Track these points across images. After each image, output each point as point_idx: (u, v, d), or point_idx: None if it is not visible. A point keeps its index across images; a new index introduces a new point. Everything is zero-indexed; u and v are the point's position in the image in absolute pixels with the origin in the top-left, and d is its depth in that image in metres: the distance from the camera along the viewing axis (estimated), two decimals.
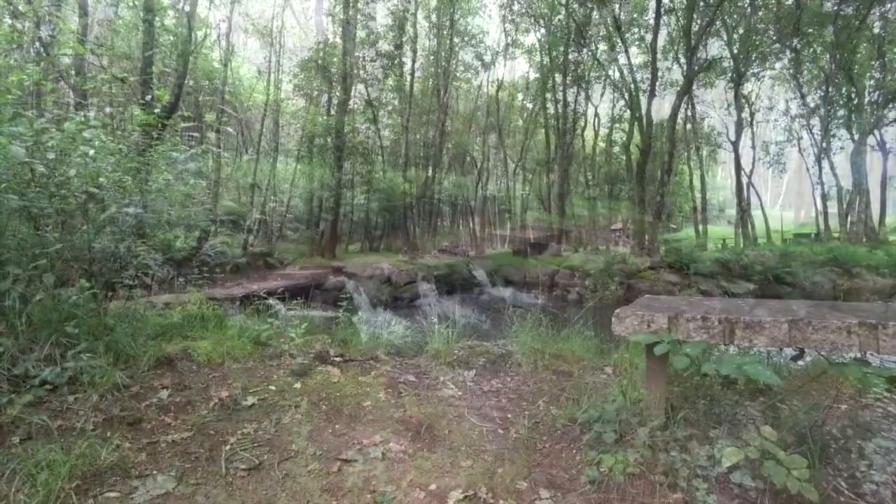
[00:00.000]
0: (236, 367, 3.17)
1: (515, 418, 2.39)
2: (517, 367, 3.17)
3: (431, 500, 1.69)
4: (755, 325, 1.58)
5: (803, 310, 1.79)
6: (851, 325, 1.50)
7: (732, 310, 1.79)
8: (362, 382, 2.93)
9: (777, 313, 1.67)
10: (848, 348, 1.53)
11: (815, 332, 1.54)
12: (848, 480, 1.60)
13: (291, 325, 4.25)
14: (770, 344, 1.58)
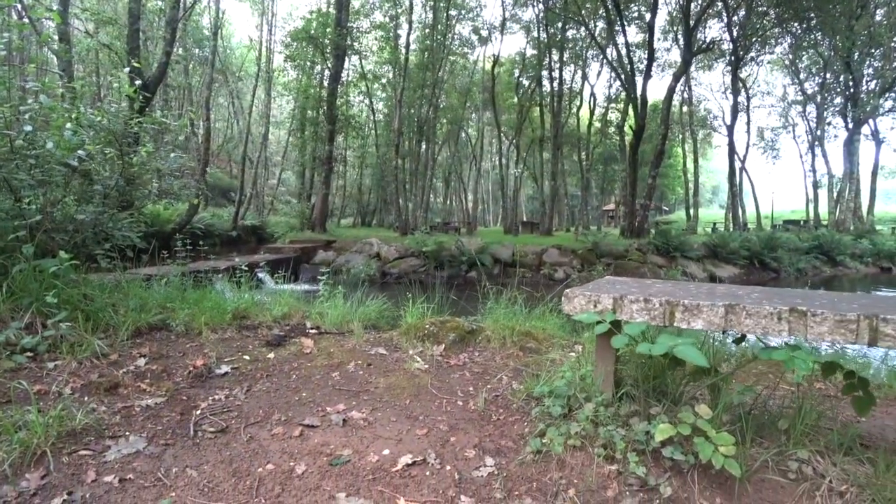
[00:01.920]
0: (214, 338, 3.27)
1: (476, 391, 2.51)
2: (486, 343, 3.29)
3: (383, 463, 1.81)
4: (693, 308, 1.66)
5: (752, 294, 1.88)
6: (782, 312, 1.58)
7: (678, 293, 1.89)
8: (334, 354, 3.04)
9: (717, 297, 1.77)
10: (779, 333, 1.61)
11: (748, 316, 1.62)
12: (774, 458, 1.71)
13: (272, 298, 4.35)
14: (707, 327, 1.67)
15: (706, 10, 20.75)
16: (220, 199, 27.93)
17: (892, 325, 1.47)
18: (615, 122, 27.96)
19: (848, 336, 1.53)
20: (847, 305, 1.65)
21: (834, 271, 17.53)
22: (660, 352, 1.57)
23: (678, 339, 1.59)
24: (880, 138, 28.46)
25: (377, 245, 12.69)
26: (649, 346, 1.61)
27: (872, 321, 1.50)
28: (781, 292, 2.00)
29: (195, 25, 27.35)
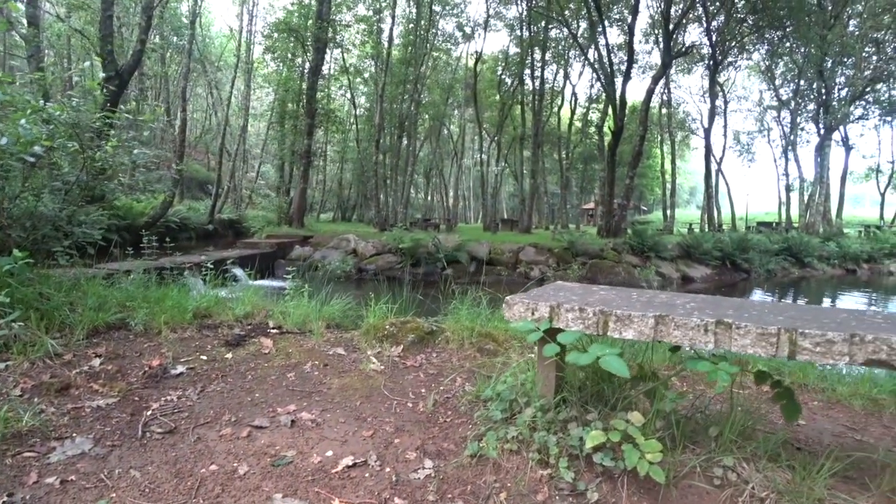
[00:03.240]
0: (172, 337, 3.27)
1: (427, 393, 2.57)
2: (445, 344, 3.36)
3: (324, 465, 1.86)
4: (625, 318, 1.72)
5: (687, 305, 1.95)
6: (709, 324, 1.63)
7: (615, 302, 1.95)
8: (292, 354, 3.07)
9: (652, 308, 1.85)
10: (705, 345, 1.66)
11: (676, 328, 1.68)
12: (703, 464, 1.77)
13: (237, 297, 4.35)
14: (638, 337, 1.73)
15: (686, 14, 21.09)
16: (197, 191, 27.45)
17: (810, 340, 1.54)
18: (595, 122, 28.25)
19: (769, 349, 1.59)
20: (773, 318, 1.72)
21: (802, 273, 18.01)
22: (586, 362, 1.63)
23: (607, 348, 1.66)
24: (850, 145, 29.40)
25: (354, 241, 12.66)
26: (578, 355, 1.68)
27: (792, 335, 1.56)
28: (719, 302, 2.06)
29: (173, 13, 26.75)
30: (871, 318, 1.80)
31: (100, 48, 11.77)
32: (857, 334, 1.51)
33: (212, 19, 37.20)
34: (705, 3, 22.13)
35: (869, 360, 1.51)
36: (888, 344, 1.47)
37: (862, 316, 1.84)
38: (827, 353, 1.53)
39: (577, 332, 1.81)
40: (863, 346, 1.50)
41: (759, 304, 2.06)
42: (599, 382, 2.08)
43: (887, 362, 1.49)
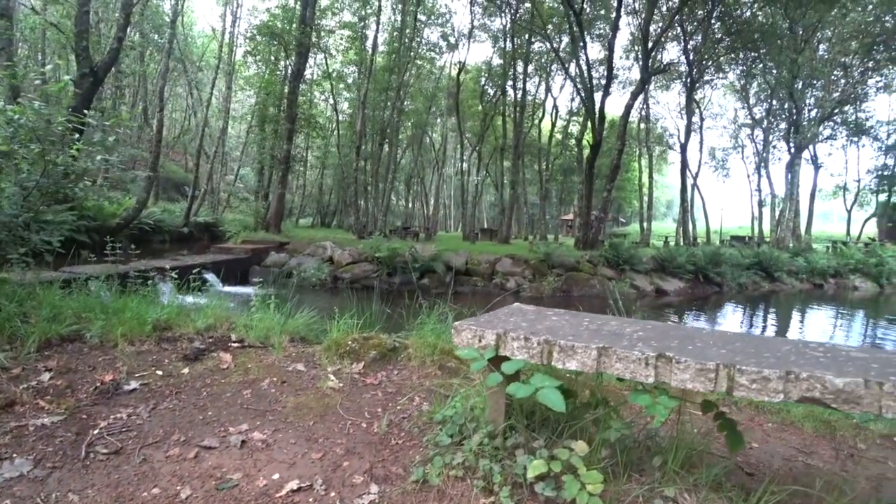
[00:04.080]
0: (129, 351, 3.21)
1: (384, 413, 2.57)
2: (407, 361, 3.36)
3: (269, 489, 1.85)
4: (569, 349, 1.74)
5: (635, 335, 1.95)
6: (650, 358, 1.65)
7: (562, 331, 1.96)
8: (251, 370, 3.04)
9: (600, 337, 1.86)
10: (646, 378, 1.67)
11: (618, 360, 1.70)
12: (646, 494, 1.76)
13: (200, 307, 4.28)
14: (581, 368, 1.74)
15: (664, 32, 21.64)
16: (174, 193, 26.95)
17: (746, 377, 1.56)
18: (575, 134, 28.70)
19: (707, 384, 1.60)
20: (716, 351, 1.74)
21: (772, 287, 18.47)
22: (525, 395, 1.65)
23: (548, 380, 1.68)
24: (819, 163, 30.46)
25: (331, 248, 12.57)
26: (518, 387, 1.69)
27: (730, 370, 1.58)
28: (667, 332, 2.08)
29: (155, 10, 26.39)
30: (811, 351, 1.83)
31: (75, 44, 11.53)
32: (793, 372, 1.53)
33: (194, 19, 36.78)
34: (683, 23, 22.77)
35: (803, 397, 1.53)
36: (821, 382, 1.50)
37: (804, 348, 1.88)
38: (763, 390, 1.55)
39: (522, 362, 1.83)
40: (797, 383, 1.52)
41: (707, 334, 2.09)
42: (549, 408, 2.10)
43: (820, 400, 1.52)
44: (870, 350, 1.94)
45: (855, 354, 1.79)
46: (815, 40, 24.85)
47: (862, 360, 1.70)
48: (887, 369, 1.58)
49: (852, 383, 1.45)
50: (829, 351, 1.84)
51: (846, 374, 1.51)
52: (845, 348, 1.91)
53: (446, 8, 27.76)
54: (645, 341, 1.84)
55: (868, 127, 30.58)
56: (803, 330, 11.59)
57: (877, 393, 1.45)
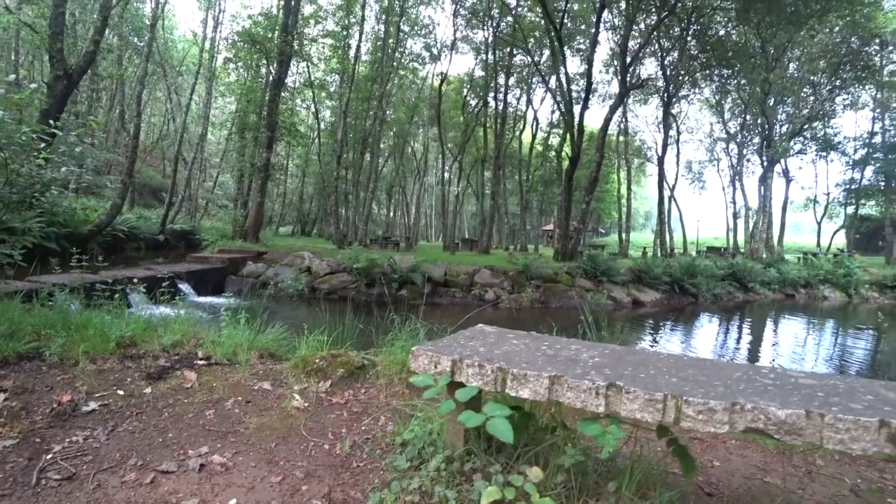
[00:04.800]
0: (90, 369, 3.15)
1: (348, 434, 2.57)
2: (375, 380, 3.36)
3: None
4: (521, 377, 1.75)
5: (591, 361, 1.96)
6: (600, 388, 1.66)
7: (522, 356, 1.97)
8: (215, 389, 3.01)
9: (556, 364, 1.87)
10: (596, 407, 1.68)
11: (569, 390, 1.71)
12: None
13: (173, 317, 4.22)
14: (534, 396, 1.75)
15: (642, 48, 22.15)
16: (150, 199, 26.48)
17: (693, 408, 1.57)
18: (555, 146, 29.11)
19: (655, 415, 1.62)
20: (667, 380, 1.77)
21: (746, 297, 18.87)
22: (474, 424, 1.66)
23: (499, 409, 1.70)
24: (790, 177, 31.42)
25: (309, 259, 12.47)
26: (469, 415, 1.71)
27: (678, 401, 1.59)
28: (622, 357, 2.08)
29: (135, 13, 26.04)
30: (761, 378, 1.85)
31: (49, 45, 11.30)
32: (738, 402, 1.54)
33: (175, 22, 36.38)
34: (660, 40, 23.36)
35: (748, 428, 1.53)
36: (765, 414, 1.51)
37: (754, 375, 1.89)
38: (709, 421, 1.56)
39: (476, 389, 1.85)
40: (743, 414, 1.54)
41: (662, 359, 2.11)
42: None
43: (764, 431, 1.52)
44: (818, 376, 1.96)
45: (803, 381, 1.83)
46: (785, 59, 25.73)
47: (809, 388, 1.74)
48: (831, 398, 1.62)
49: (794, 415, 1.48)
50: (778, 377, 1.87)
51: (790, 405, 1.54)
52: (795, 374, 1.95)
53: (430, 19, 28.09)
54: (599, 368, 1.86)
55: (836, 142, 31.68)
56: (777, 340, 11.87)
57: (818, 424, 1.48)
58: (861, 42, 23.88)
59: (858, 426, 1.44)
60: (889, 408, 1.54)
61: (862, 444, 1.44)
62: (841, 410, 1.50)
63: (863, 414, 1.47)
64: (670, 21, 21.53)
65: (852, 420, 1.45)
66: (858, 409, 1.53)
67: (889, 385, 1.84)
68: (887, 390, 1.75)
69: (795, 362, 8.89)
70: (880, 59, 26.10)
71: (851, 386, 1.80)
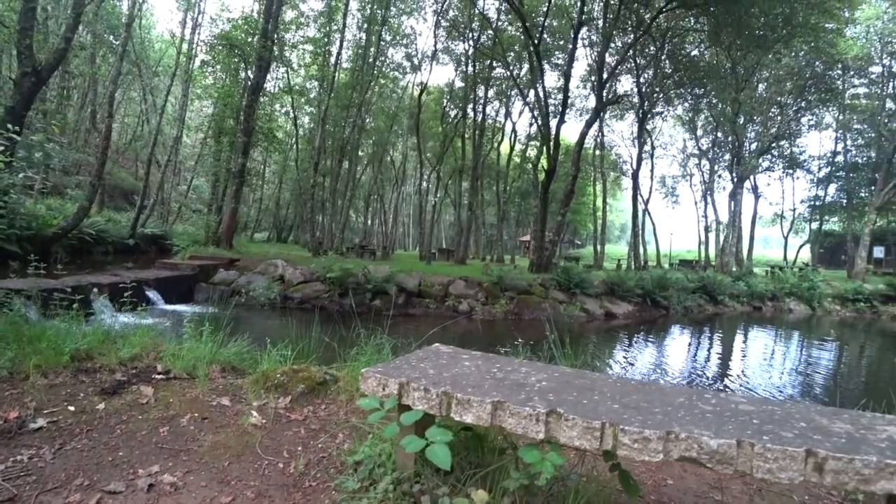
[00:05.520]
0: (41, 384, 3.07)
1: (304, 452, 2.56)
2: (336, 396, 3.36)
3: None
4: (465, 402, 1.78)
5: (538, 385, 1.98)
6: (540, 414, 1.68)
7: (470, 379, 1.98)
8: (172, 405, 2.97)
9: (502, 388, 1.89)
10: (536, 434, 1.69)
11: (511, 416, 1.72)
12: None
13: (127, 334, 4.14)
14: (477, 422, 1.77)
15: (618, 66, 22.71)
16: (121, 201, 25.84)
17: (629, 436, 1.60)
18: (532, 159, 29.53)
19: (594, 442, 1.64)
20: (609, 406, 1.79)
21: (715, 310, 19.30)
22: (414, 449, 1.68)
23: (440, 434, 1.71)
24: (759, 192, 32.55)
25: (282, 267, 12.34)
26: (410, 440, 1.73)
27: (615, 429, 1.62)
28: (570, 382, 2.09)
29: (111, 10, 25.54)
30: (703, 405, 1.87)
31: (17, 41, 11.01)
32: (673, 432, 1.56)
33: (153, 21, 35.78)
34: (636, 58, 23.98)
35: (682, 457, 1.55)
36: (698, 443, 1.53)
37: (697, 400, 1.92)
38: (644, 449, 1.57)
39: (421, 412, 1.87)
40: (677, 443, 1.55)
41: (610, 384, 2.13)
42: (460, 453, 2.14)
43: (697, 460, 1.54)
44: (758, 402, 1.99)
45: (743, 407, 1.86)
46: (754, 80, 26.68)
47: (746, 415, 1.76)
48: (766, 426, 1.65)
49: (725, 444, 1.51)
50: (720, 403, 1.90)
51: (723, 434, 1.56)
52: (736, 399, 1.98)
53: (411, 29, 28.28)
54: (544, 393, 1.89)
55: (801, 161, 33.02)
56: (746, 351, 12.21)
57: (748, 454, 1.50)
58: (825, 66, 24.97)
59: (786, 456, 1.47)
60: (819, 436, 1.58)
61: (789, 473, 1.46)
62: (771, 440, 1.53)
63: (791, 443, 1.51)
64: (645, 40, 22.15)
65: (780, 450, 1.48)
66: (789, 437, 1.56)
67: (824, 411, 1.89)
68: (821, 416, 1.80)
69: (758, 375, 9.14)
70: (842, 82, 27.32)
71: (788, 412, 1.84)
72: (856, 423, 1.73)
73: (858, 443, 1.54)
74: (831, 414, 1.84)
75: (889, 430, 1.67)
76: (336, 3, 23.28)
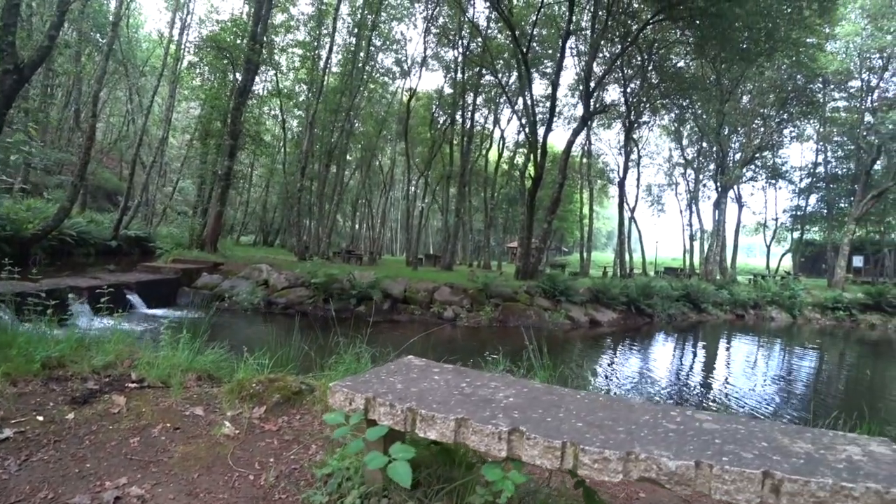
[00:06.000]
0: (10, 393, 3.02)
1: (276, 463, 2.55)
2: (312, 405, 3.35)
3: None
4: (429, 419, 1.79)
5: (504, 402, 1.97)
6: (503, 433, 1.68)
7: (437, 394, 1.98)
8: (144, 414, 2.94)
9: (466, 405, 1.89)
10: (499, 452, 1.72)
11: (474, 433, 1.73)
12: None
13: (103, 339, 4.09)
14: (441, 438, 1.78)
15: (605, 76, 22.99)
16: (105, 202, 25.50)
17: (589, 456, 1.59)
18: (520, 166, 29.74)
19: (555, 462, 1.64)
20: (572, 424, 1.79)
21: (699, 317, 19.53)
22: (375, 466, 1.69)
23: (403, 451, 1.72)
24: (742, 202, 33.08)
25: (267, 272, 12.25)
26: (373, 457, 1.74)
27: (575, 449, 1.62)
28: (538, 398, 2.09)
29: (98, 8, 25.25)
30: (667, 423, 1.86)
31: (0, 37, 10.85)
32: (633, 452, 1.56)
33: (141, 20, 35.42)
34: (623, 68, 24.30)
35: (642, 477, 1.54)
36: (657, 464, 1.52)
37: (662, 419, 1.91)
38: (604, 470, 1.57)
39: (386, 428, 1.87)
40: (637, 463, 1.55)
41: (577, 401, 2.12)
42: (431, 466, 2.16)
43: (657, 481, 1.52)
44: (723, 419, 1.98)
45: (707, 426, 1.85)
46: (738, 92, 27.19)
47: (709, 434, 1.76)
48: (727, 445, 1.65)
49: (684, 466, 1.50)
50: (684, 421, 1.89)
51: (683, 455, 1.55)
52: (701, 417, 1.96)
53: (401, 35, 28.39)
54: (509, 410, 1.89)
55: (784, 171, 33.67)
56: (728, 360, 12.36)
57: (706, 475, 1.49)
58: (806, 80, 25.52)
59: (743, 478, 1.46)
60: (778, 457, 1.57)
61: (746, 495, 1.45)
62: (730, 461, 1.52)
63: (750, 464, 1.49)
64: (632, 51, 22.46)
65: (738, 472, 1.46)
66: (748, 458, 1.55)
67: (787, 429, 1.88)
68: (783, 435, 1.79)
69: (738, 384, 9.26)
70: (823, 96, 27.95)
71: (751, 431, 1.82)
72: (817, 443, 1.72)
73: (817, 464, 1.53)
74: (794, 433, 1.84)
75: (849, 449, 1.67)
76: (326, 7, 23.31)
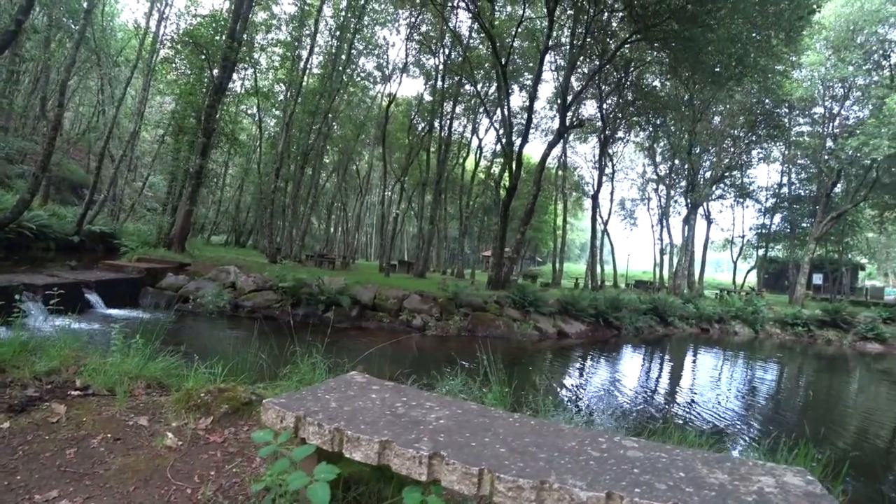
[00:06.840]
0: None
1: (217, 476, 2.54)
2: (259, 417, 3.33)
3: None
4: (355, 440, 1.81)
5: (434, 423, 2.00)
6: (423, 457, 1.72)
7: (367, 414, 2.01)
8: (84, 424, 2.89)
9: (394, 427, 1.91)
10: (419, 476, 1.73)
11: (396, 457, 1.77)
12: None
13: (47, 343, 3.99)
14: (365, 460, 1.79)
15: (582, 91, 23.50)
16: (69, 195, 24.67)
17: (504, 484, 1.59)
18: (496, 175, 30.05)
19: (472, 488, 1.64)
20: (496, 450, 1.80)
21: (665, 331, 19.95)
22: (297, 486, 1.69)
23: (326, 471, 1.73)
24: (711, 219, 34.10)
25: (234, 274, 12.06)
26: (295, 476, 1.74)
27: (492, 476, 1.61)
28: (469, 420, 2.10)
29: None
30: (591, 450, 1.87)
31: None
32: (547, 482, 1.56)
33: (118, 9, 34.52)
34: (600, 84, 24.86)
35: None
36: (570, 494, 1.52)
37: (587, 446, 1.91)
38: (518, 498, 1.57)
39: (313, 447, 1.89)
40: (550, 493, 1.55)
41: (509, 423, 2.13)
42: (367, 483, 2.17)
43: None
44: (648, 447, 1.99)
45: (631, 454, 1.87)
46: (710, 112, 28.11)
47: (629, 463, 1.77)
48: (644, 476, 1.66)
49: (595, 497, 1.51)
50: (609, 449, 1.90)
51: (597, 485, 1.56)
52: (627, 444, 1.98)
53: (384, 40, 28.37)
54: (436, 433, 1.91)
55: (751, 190, 34.88)
56: (696, 371, 12.67)
57: None
58: (773, 104, 26.56)
59: None
60: (691, 488, 1.59)
61: None
62: (642, 493, 1.53)
63: (661, 497, 1.51)
64: (609, 69, 23.01)
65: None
66: (660, 489, 1.56)
67: (708, 458, 1.91)
68: (703, 465, 1.82)
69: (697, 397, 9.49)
70: (788, 120, 29.12)
71: (672, 460, 1.84)
72: (734, 473, 1.75)
73: (727, 496, 1.55)
74: (714, 462, 1.87)
75: (763, 480, 1.71)
76: (309, 8, 23.20)
